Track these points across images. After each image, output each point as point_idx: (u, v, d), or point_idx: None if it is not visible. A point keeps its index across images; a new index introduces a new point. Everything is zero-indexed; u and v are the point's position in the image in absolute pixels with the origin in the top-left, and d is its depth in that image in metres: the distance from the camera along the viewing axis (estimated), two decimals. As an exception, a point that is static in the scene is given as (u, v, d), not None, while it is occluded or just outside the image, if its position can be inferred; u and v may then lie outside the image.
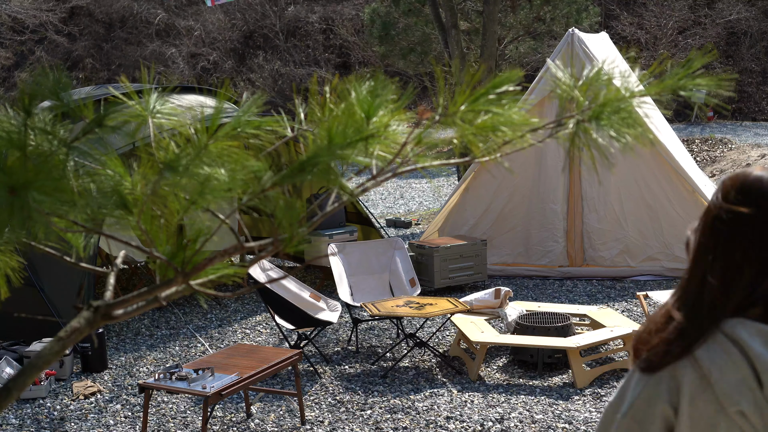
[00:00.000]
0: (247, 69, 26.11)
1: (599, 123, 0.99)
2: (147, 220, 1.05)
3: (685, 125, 20.96)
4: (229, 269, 1.11)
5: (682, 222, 8.63)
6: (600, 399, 5.63)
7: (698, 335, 1.39)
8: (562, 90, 1.02)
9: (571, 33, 8.95)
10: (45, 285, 6.75)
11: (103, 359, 6.55)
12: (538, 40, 16.41)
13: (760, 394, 1.34)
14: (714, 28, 22.94)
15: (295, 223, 1.02)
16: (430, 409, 5.57)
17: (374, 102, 1.02)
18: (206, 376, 4.92)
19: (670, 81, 1.00)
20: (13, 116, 1.02)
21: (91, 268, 1.21)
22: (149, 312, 8.20)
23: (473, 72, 1.03)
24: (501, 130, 1.00)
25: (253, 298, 8.59)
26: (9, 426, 5.56)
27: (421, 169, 1.05)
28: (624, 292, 8.35)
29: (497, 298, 6.76)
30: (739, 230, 1.41)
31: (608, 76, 1.02)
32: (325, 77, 21.45)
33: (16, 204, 0.93)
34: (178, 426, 5.46)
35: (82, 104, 1.12)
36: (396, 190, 16.98)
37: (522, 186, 9.11)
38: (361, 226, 9.44)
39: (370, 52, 22.61)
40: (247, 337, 7.39)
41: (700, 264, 1.45)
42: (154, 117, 1.17)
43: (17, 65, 27.17)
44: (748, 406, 1.34)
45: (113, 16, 27.96)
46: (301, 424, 5.39)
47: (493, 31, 13.04)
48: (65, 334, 1.02)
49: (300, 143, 1.18)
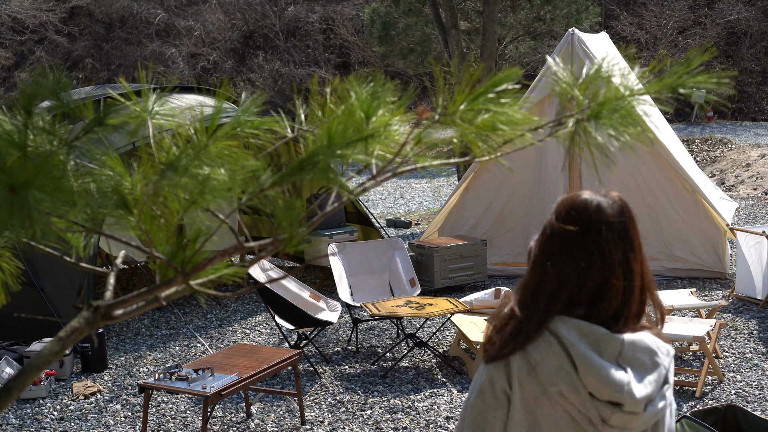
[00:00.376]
0: (247, 69, 26.11)
1: (598, 122, 0.99)
2: (147, 220, 1.05)
3: (685, 125, 20.96)
4: (229, 269, 1.11)
5: (682, 222, 8.63)
6: (600, 399, 5.64)
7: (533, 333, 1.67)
8: (561, 88, 1.02)
9: (571, 33, 8.94)
10: (45, 285, 6.75)
11: (103, 359, 6.55)
12: (538, 40, 16.41)
13: (576, 377, 1.63)
14: (714, 28, 22.94)
15: (295, 223, 1.02)
16: (430, 409, 5.57)
17: (374, 102, 1.02)
18: (206, 376, 4.92)
19: (670, 79, 1.00)
20: (13, 116, 1.02)
21: (91, 268, 1.21)
22: (149, 312, 8.19)
23: (472, 71, 1.03)
24: (501, 129, 1.00)
25: (253, 298, 8.59)
26: (9, 426, 5.56)
27: (421, 169, 1.05)
28: (624, 292, 8.34)
29: (497, 298, 6.76)
30: (567, 244, 1.69)
31: (608, 75, 1.02)
32: (326, 77, 21.45)
33: (16, 204, 0.93)
34: (178, 426, 5.46)
35: (82, 104, 1.12)
36: (396, 190, 16.98)
37: (522, 186, 9.11)
38: (361, 226, 9.44)
39: (370, 52, 22.61)
40: (247, 337, 7.39)
41: (537, 270, 1.72)
42: (153, 118, 1.17)
43: (17, 65, 27.17)
44: (566, 387, 1.63)
45: (113, 16, 27.95)
46: (301, 424, 5.39)
47: (493, 31, 13.03)
48: (65, 334, 1.02)
49: (300, 143, 1.18)
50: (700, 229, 8.58)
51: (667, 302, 6.59)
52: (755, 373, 6.03)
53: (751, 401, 5.53)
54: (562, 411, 1.66)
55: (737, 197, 13.71)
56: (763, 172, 14.78)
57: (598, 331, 1.64)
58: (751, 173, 14.95)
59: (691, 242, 8.61)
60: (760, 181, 14.41)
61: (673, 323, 6.01)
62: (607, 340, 1.63)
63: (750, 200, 13.57)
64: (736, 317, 7.31)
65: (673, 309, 6.42)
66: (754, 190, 14.14)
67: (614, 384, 1.61)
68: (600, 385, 1.62)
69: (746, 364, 6.20)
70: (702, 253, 8.59)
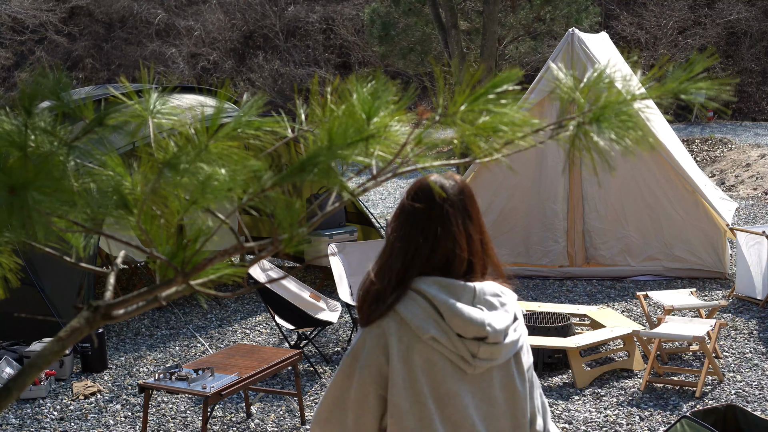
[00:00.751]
0: (247, 69, 26.11)
1: (600, 125, 0.99)
2: (147, 220, 1.05)
3: (685, 125, 20.96)
4: (229, 269, 1.11)
5: (682, 222, 8.63)
6: (600, 399, 5.63)
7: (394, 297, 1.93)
8: (563, 92, 1.02)
9: (571, 33, 8.94)
10: (45, 285, 6.75)
11: (103, 359, 6.55)
12: (538, 40, 16.41)
13: (443, 323, 1.91)
14: (714, 28, 22.94)
15: (295, 223, 1.02)
16: (430, 409, 5.56)
17: (375, 102, 1.02)
18: (206, 376, 4.92)
19: (672, 84, 0.99)
20: (14, 116, 1.02)
21: (91, 268, 1.21)
22: (149, 312, 8.19)
23: (473, 72, 1.02)
24: (502, 130, 1.00)
25: (253, 298, 8.59)
26: (9, 426, 5.56)
27: (421, 170, 1.05)
28: (624, 292, 8.35)
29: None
30: (416, 219, 1.96)
31: (610, 79, 1.02)
32: (326, 77, 21.44)
33: (16, 204, 0.93)
34: (178, 426, 5.46)
35: (82, 104, 1.12)
36: (396, 190, 16.98)
37: (522, 186, 9.11)
38: (361, 226, 9.44)
39: (370, 52, 22.61)
40: (247, 337, 7.39)
41: (393, 243, 1.98)
42: (153, 117, 1.17)
43: (17, 65, 27.17)
44: (437, 333, 1.90)
45: (113, 16, 27.96)
46: (301, 424, 5.38)
47: (493, 31, 13.03)
48: (65, 334, 1.02)
49: (300, 144, 1.18)
50: (700, 229, 8.58)
51: (667, 302, 6.59)
52: (755, 373, 6.03)
53: (751, 401, 5.53)
54: (437, 354, 1.93)
55: (737, 197, 13.72)
56: (763, 172, 14.78)
57: (454, 283, 1.94)
58: (751, 173, 14.95)
59: (691, 242, 8.61)
60: (760, 181, 14.41)
61: (673, 323, 6.01)
62: (462, 288, 1.94)
63: (750, 200, 13.58)
64: (736, 317, 7.31)
65: (673, 309, 6.42)
66: (754, 190, 14.15)
67: (476, 322, 1.92)
68: (465, 325, 1.91)
69: (746, 364, 6.20)
70: (702, 253, 8.59)
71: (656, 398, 5.61)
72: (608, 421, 5.29)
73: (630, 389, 5.78)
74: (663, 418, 5.28)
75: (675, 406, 5.47)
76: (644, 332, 6.02)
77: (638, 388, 5.78)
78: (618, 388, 5.81)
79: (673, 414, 5.34)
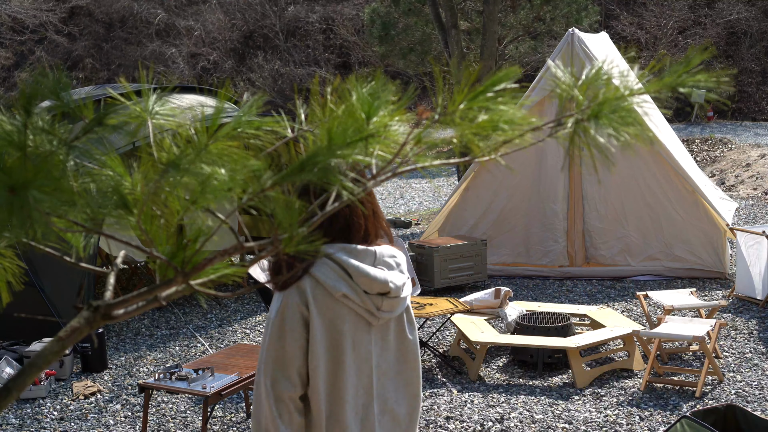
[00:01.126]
0: (247, 69, 26.11)
1: (598, 121, 0.99)
2: (147, 220, 1.05)
3: (685, 125, 20.96)
4: (229, 269, 1.11)
5: (682, 222, 8.63)
6: (600, 399, 5.63)
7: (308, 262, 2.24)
8: (561, 89, 1.02)
9: (571, 33, 8.94)
10: (45, 285, 6.75)
11: (103, 359, 6.55)
12: (538, 40, 16.41)
13: (352, 282, 2.24)
14: (714, 28, 22.94)
15: (295, 223, 1.02)
16: (430, 409, 5.57)
17: (374, 102, 1.02)
18: (206, 376, 4.92)
19: (669, 78, 0.99)
20: (13, 116, 1.02)
21: (91, 268, 1.21)
22: (149, 312, 8.19)
23: (472, 71, 1.02)
24: (501, 129, 1.00)
25: (253, 298, 8.59)
26: (9, 426, 5.57)
27: (421, 169, 1.05)
28: (624, 292, 8.35)
29: (497, 298, 6.76)
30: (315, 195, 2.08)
31: (608, 76, 1.02)
32: (326, 77, 21.48)
33: (16, 204, 0.93)
34: (178, 426, 5.46)
35: (82, 104, 1.12)
36: (396, 190, 16.98)
37: (522, 185, 9.11)
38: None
39: (370, 52, 22.61)
40: (247, 337, 7.39)
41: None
42: (153, 118, 1.17)
43: (17, 65, 27.18)
44: (347, 290, 2.23)
45: (113, 16, 27.96)
46: (301, 424, 5.38)
47: (493, 31, 13.03)
48: (65, 334, 1.02)
49: (300, 143, 1.18)
50: (700, 229, 8.58)
51: (667, 302, 6.59)
52: (755, 373, 6.03)
53: (751, 401, 5.53)
54: (348, 309, 2.27)
55: (737, 197, 13.72)
56: (763, 172, 14.78)
57: (357, 248, 2.26)
58: (751, 173, 14.95)
59: (691, 242, 8.61)
60: (760, 181, 14.41)
61: (673, 323, 6.01)
62: (364, 252, 2.27)
63: (750, 200, 13.58)
64: (736, 317, 7.31)
65: (673, 309, 6.42)
66: (754, 190, 14.15)
67: (380, 280, 2.26)
68: (370, 282, 2.24)
69: (746, 364, 6.20)
70: (702, 253, 8.59)
71: (656, 398, 5.61)
72: (608, 421, 5.29)
73: (630, 389, 5.78)
74: (663, 418, 5.29)
75: (675, 406, 5.47)
76: (644, 332, 6.02)
77: (638, 388, 5.78)
78: (618, 388, 5.81)
79: (673, 414, 5.35)
